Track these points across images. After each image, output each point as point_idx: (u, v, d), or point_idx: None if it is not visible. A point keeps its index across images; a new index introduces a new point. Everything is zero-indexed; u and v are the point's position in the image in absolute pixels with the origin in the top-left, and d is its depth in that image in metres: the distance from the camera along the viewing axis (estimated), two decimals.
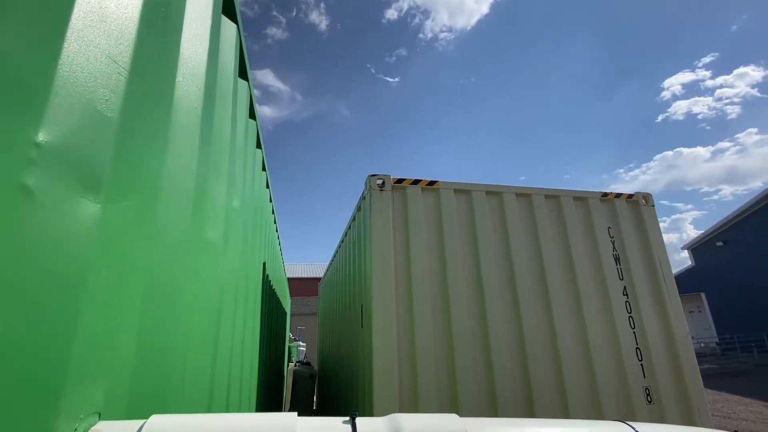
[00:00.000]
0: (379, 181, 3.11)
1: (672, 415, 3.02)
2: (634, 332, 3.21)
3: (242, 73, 2.28)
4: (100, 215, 0.72)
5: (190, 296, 1.19)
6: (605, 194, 3.61)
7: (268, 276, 4.02)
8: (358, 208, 3.69)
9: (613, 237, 3.48)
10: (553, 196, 3.47)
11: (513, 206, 3.31)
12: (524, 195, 3.40)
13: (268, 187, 3.74)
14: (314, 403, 7.54)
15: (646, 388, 3.07)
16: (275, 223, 4.94)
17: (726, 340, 17.48)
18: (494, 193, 3.33)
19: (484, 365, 2.81)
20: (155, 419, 0.68)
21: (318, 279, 17.90)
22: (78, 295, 0.66)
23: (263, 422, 0.70)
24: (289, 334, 10.10)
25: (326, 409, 6.33)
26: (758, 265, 17.76)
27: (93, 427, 0.68)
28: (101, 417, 0.72)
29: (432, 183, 3.24)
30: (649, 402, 3.04)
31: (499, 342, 2.87)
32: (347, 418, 0.77)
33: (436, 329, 2.82)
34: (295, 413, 0.74)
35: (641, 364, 3.12)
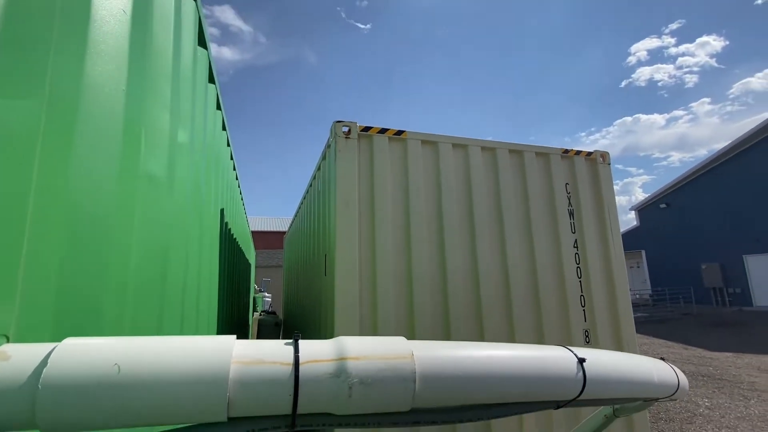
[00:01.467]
0: (345, 129, 2.99)
1: None
2: (580, 281, 3.45)
3: None
4: None
5: (125, 228, 1.09)
6: (566, 151, 3.69)
7: (227, 224, 3.88)
8: (323, 157, 3.56)
9: (569, 193, 3.61)
10: (517, 151, 3.51)
11: (478, 158, 3.32)
12: (489, 149, 3.42)
13: (225, 129, 3.49)
14: None
15: (586, 331, 3.36)
16: (235, 170, 4.70)
17: (658, 292, 19.49)
18: (460, 145, 3.32)
19: (442, 306, 2.95)
20: (69, 341, 0.62)
21: (283, 232, 17.70)
22: None
23: (197, 344, 0.66)
24: (254, 285, 10.09)
25: None
26: (693, 226, 19.53)
27: None
28: (11, 340, 0.65)
29: (399, 133, 3.16)
30: (587, 342, 3.35)
31: (456, 285, 2.99)
32: (290, 341, 0.74)
33: (398, 272, 2.88)
34: (234, 336, 0.71)
35: (584, 310, 3.39)
